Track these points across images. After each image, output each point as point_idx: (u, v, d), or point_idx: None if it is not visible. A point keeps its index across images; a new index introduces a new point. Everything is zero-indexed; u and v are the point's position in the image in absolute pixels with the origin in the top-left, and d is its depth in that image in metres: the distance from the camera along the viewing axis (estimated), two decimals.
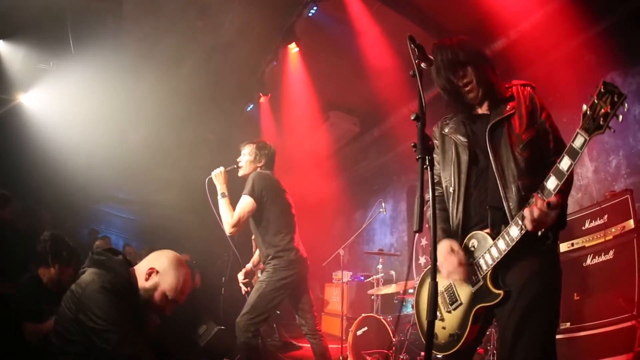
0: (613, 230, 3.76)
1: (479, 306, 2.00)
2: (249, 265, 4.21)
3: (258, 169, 4.02)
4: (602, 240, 3.81)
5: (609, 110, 1.62)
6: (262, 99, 7.71)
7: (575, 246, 4.06)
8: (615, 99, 1.61)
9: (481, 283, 2.00)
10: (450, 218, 2.18)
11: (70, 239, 3.94)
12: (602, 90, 1.65)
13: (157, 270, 2.39)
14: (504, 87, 2.17)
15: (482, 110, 2.19)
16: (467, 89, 2.12)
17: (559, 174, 1.78)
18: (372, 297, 5.95)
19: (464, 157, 2.11)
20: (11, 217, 5.38)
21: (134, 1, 6.14)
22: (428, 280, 1.81)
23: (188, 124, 8.24)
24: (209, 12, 6.20)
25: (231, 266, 7.41)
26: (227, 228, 3.78)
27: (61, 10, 5.80)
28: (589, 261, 3.87)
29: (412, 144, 1.79)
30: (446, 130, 2.29)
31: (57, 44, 6.27)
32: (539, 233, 1.85)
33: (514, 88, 2.14)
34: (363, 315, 5.39)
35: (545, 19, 5.22)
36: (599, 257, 3.81)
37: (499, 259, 1.93)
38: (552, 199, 1.78)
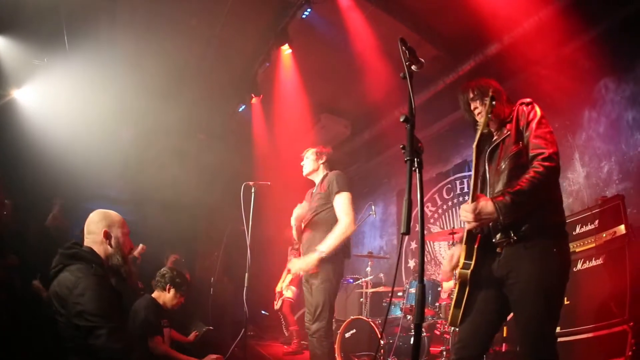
0: (604, 235, 3.76)
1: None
2: None
3: (321, 167, 4.04)
4: (593, 245, 3.82)
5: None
6: (254, 100, 7.65)
7: None
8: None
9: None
10: None
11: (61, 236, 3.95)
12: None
13: (106, 228, 2.60)
14: (507, 110, 2.56)
15: (490, 129, 2.60)
16: (477, 114, 2.58)
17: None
18: (361, 299, 5.92)
19: (480, 168, 2.52)
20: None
21: None
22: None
23: (180, 123, 8.19)
24: (202, 11, 6.19)
25: (219, 266, 7.36)
26: (349, 226, 3.58)
27: (56, 6, 5.78)
28: (579, 266, 3.87)
29: (401, 146, 1.91)
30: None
31: (51, 40, 6.24)
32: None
33: (515, 109, 2.51)
34: (351, 317, 5.36)
35: (539, 24, 5.22)
36: (589, 262, 3.81)
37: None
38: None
